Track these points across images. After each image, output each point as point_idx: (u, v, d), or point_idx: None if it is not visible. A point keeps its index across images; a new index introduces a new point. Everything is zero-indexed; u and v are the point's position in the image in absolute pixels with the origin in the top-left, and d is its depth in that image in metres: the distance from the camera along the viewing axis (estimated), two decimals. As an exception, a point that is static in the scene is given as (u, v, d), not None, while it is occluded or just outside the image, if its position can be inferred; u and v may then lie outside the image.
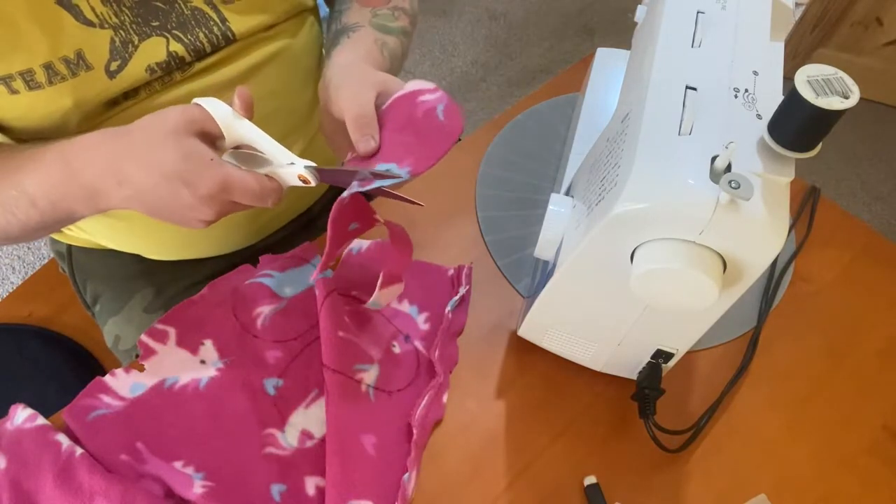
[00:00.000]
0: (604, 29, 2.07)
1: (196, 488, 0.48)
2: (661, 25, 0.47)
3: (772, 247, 0.39)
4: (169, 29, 0.54)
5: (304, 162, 0.47)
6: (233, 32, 0.57)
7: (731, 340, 0.61)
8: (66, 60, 0.49)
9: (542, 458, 0.54)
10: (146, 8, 0.52)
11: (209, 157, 0.44)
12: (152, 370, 0.54)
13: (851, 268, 0.67)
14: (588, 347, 0.54)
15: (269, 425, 0.53)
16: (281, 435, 0.52)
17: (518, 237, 0.66)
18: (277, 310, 0.58)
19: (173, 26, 0.54)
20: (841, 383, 0.59)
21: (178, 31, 0.54)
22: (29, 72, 0.48)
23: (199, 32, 0.55)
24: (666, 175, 0.39)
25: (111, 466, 0.48)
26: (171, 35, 0.54)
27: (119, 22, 0.51)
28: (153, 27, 0.53)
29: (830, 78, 0.35)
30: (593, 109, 0.70)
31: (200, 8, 0.55)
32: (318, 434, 0.53)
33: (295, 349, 0.57)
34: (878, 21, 1.72)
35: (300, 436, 0.53)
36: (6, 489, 0.46)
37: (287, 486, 0.50)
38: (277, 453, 0.51)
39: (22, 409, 0.50)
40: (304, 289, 0.60)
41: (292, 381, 0.55)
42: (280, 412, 0.54)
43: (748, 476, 0.54)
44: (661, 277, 0.40)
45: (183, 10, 0.54)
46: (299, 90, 0.67)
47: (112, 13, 0.51)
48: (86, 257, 0.74)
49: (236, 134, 0.46)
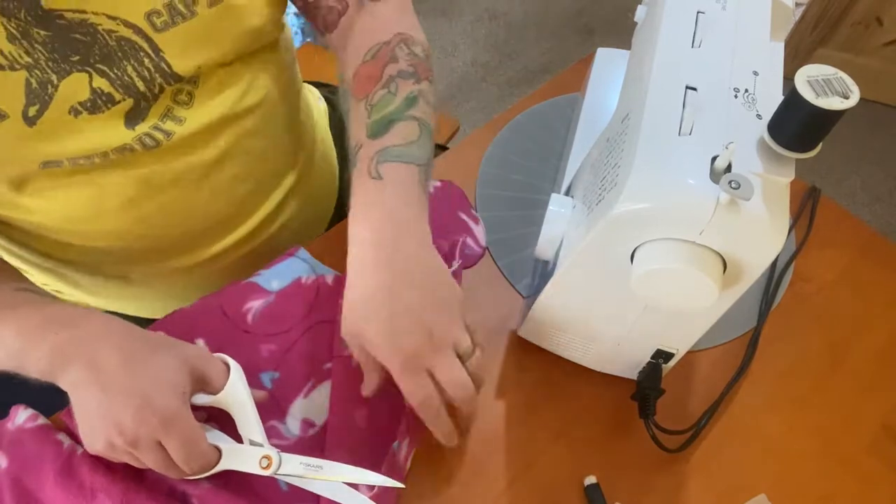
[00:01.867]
0: (604, 29, 2.07)
1: (202, 483, 0.48)
2: (661, 25, 0.47)
3: (772, 247, 0.39)
4: (92, 63, 0.47)
5: (268, 449, 0.47)
6: (169, 65, 0.49)
7: (731, 340, 0.61)
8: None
9: (542, 458, 0.54)
10: (62, 42, 0.45)
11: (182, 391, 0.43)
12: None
13: (851, 268, 0.67)
14: (588, 347, 0.54)
15: (270, 418, 0.53)
16: (283, 426, 0.53)
17: (518, 237, 0.66)
18: (267, 304, 0.59)
19: (96, 60, 0.47)
20: (841, 383, 0.59)
21: (103, 65, 0.47)
22: None
23: (126, 66, 0.48)
24: (666, 175, 0.39)
25: (113, 465, 0.48)
26: (94, 69, 0.47)
27: (32, 61, 0.44)
28: (72, 63, 0.46)
29: (830, 78, 0.35)
30: (593, 109, 0.70)
31: (127, 38, 0.47)
32: (320, 422, 0.53)
33: (288, 341, 0.57)
34: (878, 21, 1.72)
35: (301, 424, 0.53)
36: (8, 488, 0.46)
37: None
38: (280, 444, 0.52)
39: (23, 409, 0.50)
40: (290, 281, 0.60)
41: (288, 372, 0.55)
42: (279, 404, 0.54)
43: (748, 476, 0.54)
44: (661, 277, 0.40)
45: (107, 41, 0.47)
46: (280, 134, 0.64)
47: (23, 52, 0.44)
48: None
49: (229, 397, 0.47)
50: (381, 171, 0.48)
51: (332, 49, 0.60)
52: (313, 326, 0.58)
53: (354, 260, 0.46)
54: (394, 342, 0.43)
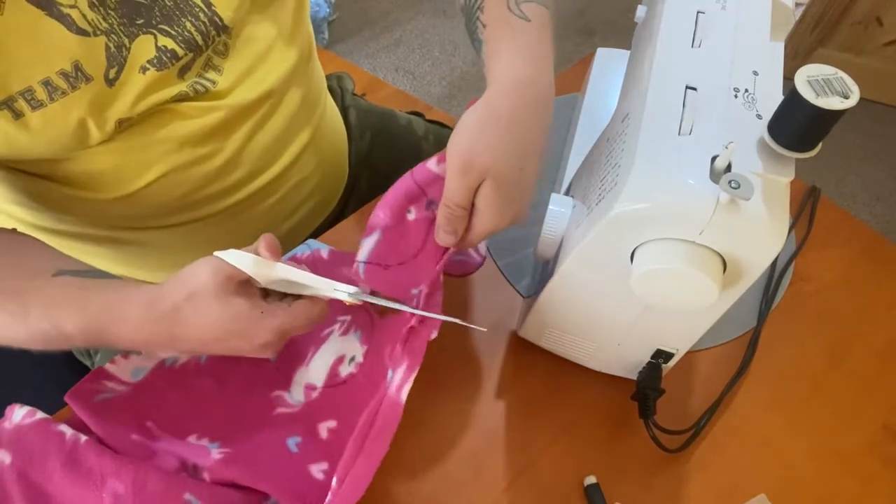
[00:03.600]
0: (604, 29, 2.07)
1: (214, 455, 0.49)
2: (661, 25, 0.47)
3: (772, 247, 0.39)
4: (155, 24, 0.52)
5: (347, 288, 0.46)
6: (220, 17, 0.54)
7: (731, 340, 0.61)
8: (65, 74, 0.48)
9: (542, 458, 0.54)
10: (128, 7, 0.50)
11: (258, 311, 0.43)
12: (150, 354, 0.54)
13: (851, 268, 0.67)
14: (588, 347, 0.54)
15: (276, 388, 0.54)
16: (288, 395, 0.54)
17: (518, 237, 0.66)
18: None
19: (158, 21, 0.52)
20: (841, 383, 0.59)
21: (165, 25, 0.52)
22: (28, 90, 0.47)
23: (185, 22, 0.53)
24: (666, 175, 0.39)
25: (122, 447, 0.49)
26: (157, 30, 0.52)
27: (108, 26, 0.49)
28: (138, 25, 0.51)
29: (830, 78, 0.35)
30: (593, 109, 0.70)
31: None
32: (320, 383, 0.55)
33: None
34: (878, 21, 1.72)
35: (305, 390, 0.55)
36: (15, 483, 0.46)
37: (302, 437, 0.52)
38: (287, 412, 0.53)
39: (19, 407, 0.50)
40: (286, 258, 0.60)
41: (290, 345, 0.56)
42: (283, 375, 0.55)
43: (748, 476, 0.54)
44: (661, 277, 0.40)
45: (165, 3, 0.52)
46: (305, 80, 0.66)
47: (101, 18, 0.49)
48: None
49: (269, 277, 0.46)
50: (525, 10, 0.49)
51: None
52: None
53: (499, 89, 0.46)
54: (492, 157, 0.44)
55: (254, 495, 0.49)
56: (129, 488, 0.45)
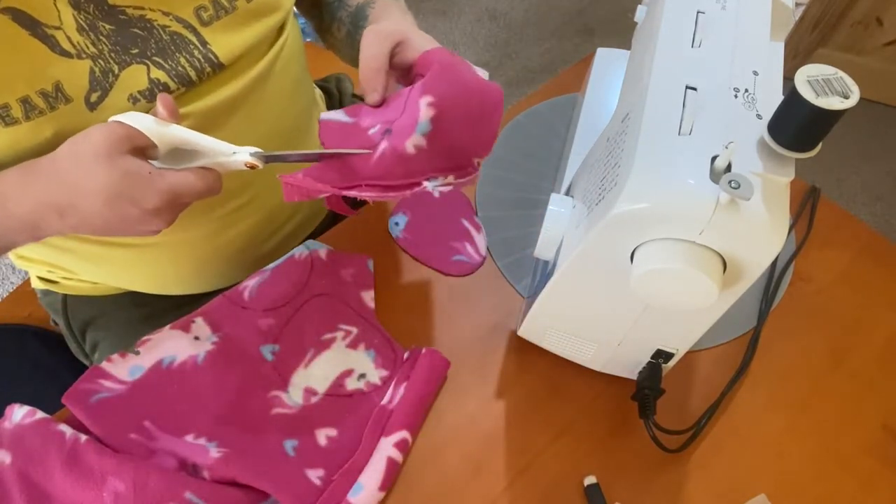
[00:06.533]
0: (604, 29, 2.07)
1: (213, 454, 0.49)
2: (661, 25, 0.47)
3: (772, 247, 0.39)
4: (149, 56, 0.52)
5: (248, 149, 0.46)
6: (215, 55, 0.54)
7: (731, 340, 0.61)
8: (44, 94, 0.47)
9: (542, 458, 0.54)
10: (124, 35, 0.50)
11: (147, 171, 0.43)
12: (148, 353, 0.54)
13: (851, 268, 0.67)
14: (588, 347, 0.54)
15: (273, 388, 0.54)
16: (286, 395, 0.54)
17: (518, 237, 0.66)
18: (262, 281, 0.60)
19: (153, 53, 0.52)
20: (841, 383, 0.59)
21: (159, 58, 0.52)
22: (4, 107, 0.46)
23: (179, 58, 0.53)
24: (666, 175, 0.39)
25: (120, 447, 0.49)
26: (151, 62, 0.52)
27: (97, 51, 0.49)
28: (132, 55, 0.51)
29: (830, 78, 0.35)
30: (593, 109, 0.71)
31: (179, 32, 0.53)
32: (322, 389, 0.55)
33: (286, 314, 0.58)
34: (878, 21, 1.72)
35: (304, 393, 0.55)
36: (15, 483, 0.46)
37: (299, 440, 0.52)
38: (285, 412, 0.53)
39: (18, 407, 0.50)
40: (284, 259, 0.61)
41: (288, 345, 0.57)
42: (281, 375, 0.55)
43: (748, 476, 0.54)
44: (661, 277, 0.40)
45: (161, 36, 0.52)
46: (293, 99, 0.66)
47: (90, 42, 0.49)
48: (84, 305, 0.73)
49: (168, 140, 0.45)
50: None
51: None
52: (310, 300, 0.59)
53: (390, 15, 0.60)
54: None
55: (254, 494, 0.49)
56: (129, 487, 0.45)
